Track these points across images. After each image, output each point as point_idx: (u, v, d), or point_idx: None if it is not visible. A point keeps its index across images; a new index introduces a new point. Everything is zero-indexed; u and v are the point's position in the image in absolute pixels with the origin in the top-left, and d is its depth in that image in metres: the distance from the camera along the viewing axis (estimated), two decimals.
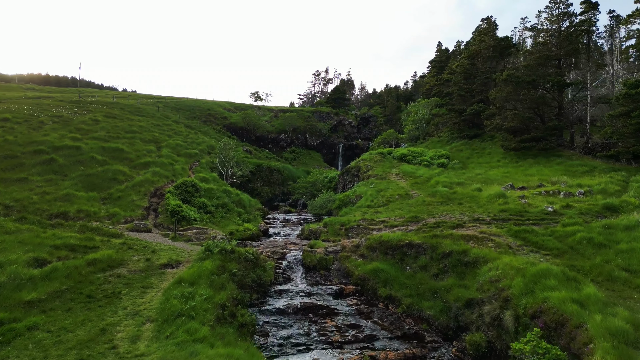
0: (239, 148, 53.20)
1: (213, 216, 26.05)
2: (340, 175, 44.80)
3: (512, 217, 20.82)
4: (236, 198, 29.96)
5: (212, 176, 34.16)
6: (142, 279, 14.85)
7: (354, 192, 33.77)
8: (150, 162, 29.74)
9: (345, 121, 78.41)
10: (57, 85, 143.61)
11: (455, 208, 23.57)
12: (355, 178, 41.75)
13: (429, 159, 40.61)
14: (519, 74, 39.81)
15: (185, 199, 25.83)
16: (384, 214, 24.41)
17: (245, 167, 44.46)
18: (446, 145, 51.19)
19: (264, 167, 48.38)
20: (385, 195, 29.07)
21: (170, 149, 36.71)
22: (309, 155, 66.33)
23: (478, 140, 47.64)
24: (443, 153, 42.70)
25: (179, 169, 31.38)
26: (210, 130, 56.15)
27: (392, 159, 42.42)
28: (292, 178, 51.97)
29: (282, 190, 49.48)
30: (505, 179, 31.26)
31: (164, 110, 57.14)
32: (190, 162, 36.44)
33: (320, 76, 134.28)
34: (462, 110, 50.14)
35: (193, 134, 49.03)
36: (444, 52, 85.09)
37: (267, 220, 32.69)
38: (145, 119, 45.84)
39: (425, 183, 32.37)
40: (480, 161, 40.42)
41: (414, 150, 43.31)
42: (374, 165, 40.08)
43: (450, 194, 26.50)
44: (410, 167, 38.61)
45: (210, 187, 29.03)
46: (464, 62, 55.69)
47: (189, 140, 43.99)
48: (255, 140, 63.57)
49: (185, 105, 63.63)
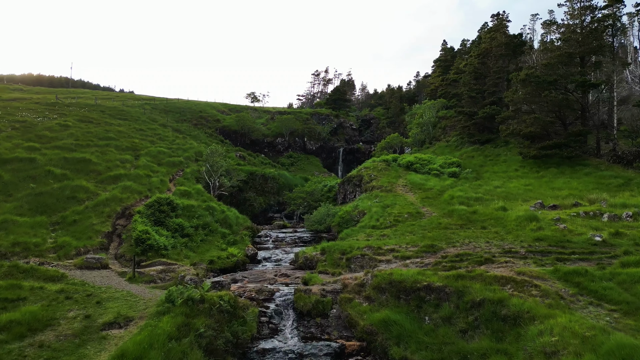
0: (231, 154, 49.37)
1: (191, 240, 22.18)
2: (341, 185, 40.95)
3: (552, 249, 16.95)
4: (221, 216, 26.09)
5: (197, 189, 30.29)
6: (73, 350, 10.99)
7: (356, 206, 29.90)
8: (122, 174, 25.86)
9: (346, 123, 74.53)
10: (50, 85, 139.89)
11: (479, 234, 19.68)
12: (357, 188, 37.88)
13: (438, 168, 36.74)
14: (538, 74, 35.94)
15: (159, 220, 21.96)
16: (393, 240, 20.52)
17: (237, 175, 40.60)
18: (455, 151, 47.32)
19: (257, 174, 44.51)
20: (392, 213, 25.18)
21: (151, 157, 32.84)
22: (307, 161, 62.46)
23: (491, 146, 43.77)
24: (454, 161, 38.83)
25: (156, 181, 27.50)
26: (200, 135, 52.28)
27: (397, 167, 38.53)
28: (289, 186, 48.09)
29: (278, 200, 45.60)
30: (529, 193, 27.39)
31: (152, 112, 53.30)
32: (172, 173, 32.57)
33: (319, 76, 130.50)
34: (473, 113, 46.26)
35: (181, 138, 45.17)
36: (449, 51, 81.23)
37: (257, 239, 28.81)
38: (128, 122, 41.98)
39: (438, 197, 28.50)
40: (495, 170, 36.54)
41: (422, 158, 39.43)
42: (377, 174, 36.20)
43: (469, 213, 22.61)
44: (419, 177, 34.74)
45: (191, 204, 25.16)
46: (474, 61, 51.83)
47: (175, 146, 40.11)
48: (250, 145, 59.70)
49: (175, 107, 59.77)
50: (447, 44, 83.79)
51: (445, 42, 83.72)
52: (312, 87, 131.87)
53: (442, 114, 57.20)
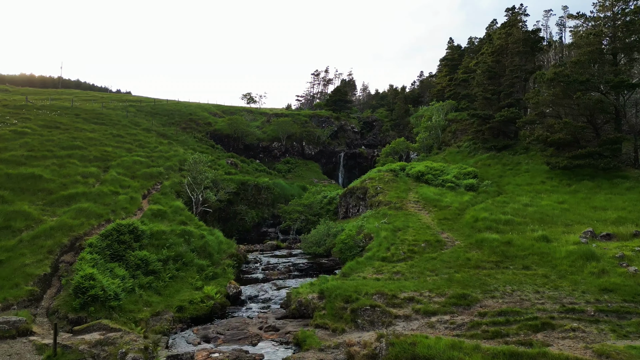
0: (221, 161, 45.00)
1: (158, 278, 17.82)
2: (342, 197, 36.59)
3: (631, 307, 12.57)
4: (199, 243, 21.69)
5: (174, 206, 25.92)
6: None
7: (361, 227, 25.54)
8: (79, 193, 21.48)
9: (347, 126, 70.14)
10: (42, 86, 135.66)
11: (522, 277, 15.29)
12: (360, 202, 33.52)
13: (453, 179, 32.36)
14: (567, 72, 31.55)
15: (116, 254, 17.60)
16: (410, 282, 16.14)
17: (226, 186, 36.23)
18: (469, 158, 42.92)
19: (249, 184, 40.12)
20: (405, 240, 20.80)
21: (123, 169, 28.46)
22: (305, 167, 58.04)
23: (508, 153, 39.36)
24: (470, 170, 34.44)
25: (123, 200, 23.11)
26: (189, 140, 47.89)
27: (406, 178, 34.15)
28: (285, 197, 43.69)
29: (272, 213, 41.19)
30: (568, 214, 23.00)
31: (136, 115, 48.93)
32: (148, 187, 28.19)
33: (319, 76, 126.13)
34: (488, 117, 41.87)
35: (165, 145, 40.78)
36: (456, 49, 76.82)
37: (244, 267, 24.43)
38: (104, 128, 37.63)
39: (458, 218, 24.12)
40: (518, 182, 32.15)
41: (434, 167, 35.05)
42: (384, 187, 31.82)
43: (503, 245, 18.23)
44: (432, 190, 30.35)
45: (162, 230, 20.79)
46: (487, 59, 47.43)
47: (156, 154, 35.72)
48: (244, 150, 55.30)
49: (163, 110, 55.38)
50: (453, 41, 79.42)
51: (451, 39, 79.35)
52: (311, 87, 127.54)
53: (451, 116, 52.81)
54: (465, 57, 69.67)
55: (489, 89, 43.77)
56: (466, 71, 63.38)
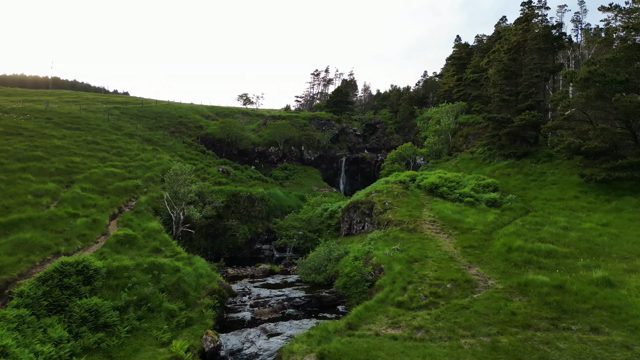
0: (212, 168, 41.00)
1: (111, 335, 13.85)
2: (345, 211, 32.59)
3: None
4: (171, 279, 17.70)
5: (148, 229, 21.95)
6: None
7: (368, 254, 21.57)
8: (23, 219, 17.50)
9: (349, 129, 66.12)
10: (34, 86, 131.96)
11: (594, 347, 11.30)
12: (366, 218, 29.55)
13: (472, 193, 28.37)
14: (603, 71, 27.55)
15: (57, 304, 13.66)
16: (439, 349, 12.14)
17: (215, 198, 32.26)
18: (484, 166, 38.93)
19: (241, 196, 36.13)
20: (425, 277, 16.83)
21: (91, 183, 24.46)
22: (304, 173, 54.04)
23: (530, 161, 35.38)
24: (489, 182, 30.45)
25: (81, 225, 19.12)
26: (177, 145, 43.89)
27: (418, 191, 30.17)
28: (281, 208, 39.73)
29: (267, 227, 37.21)
30: (619, 241, 19.00)
31: (119, 118, 44.92)
32: (119, 204, 24.19)
33: (319, 76, 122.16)
34: (506, 120, 37.88)
35: (149, 151, 36.81)
36: (464, 47, 72.82)
37: (229, 305, 20.43)
38: (78, 133, 33.64)
39: (486, 245, 20.12)
40: (545, 195, 28.17)
41: (448, 178, 31.06)
42: (393, 202, 27.83)
43: (554, 289, 14.25)
44: (449, 206, 26.35)
45: (123, 265, 16.80)
46: (503, 57, 43.40)
47: (136, 163, 31.73)
48: (238, 155, 51.29)
49: (150, 112, 51.38)
50: (460, 39, 75.38)
51: (458, 38, 75.34)
52: (311, 87, 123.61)
53: (462, 119, 48.83)
54: (474, 56, 65.69)
55: (505, 89, 39.76)
56: (476, 70, 59.45)
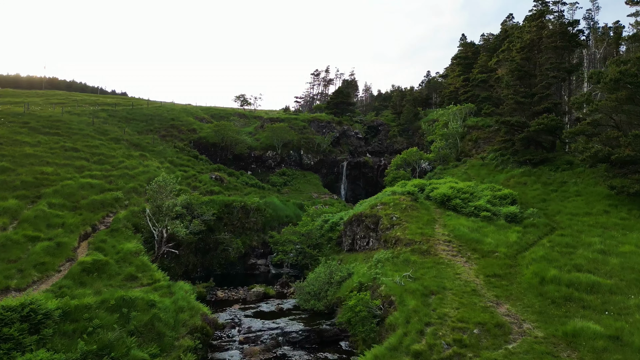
0: (203, 176, 38.23)
1: None
2: (348, 225, 29.82)
3: None
4: (144, 318, 14.92)
5: (124, 251, 19.19)
6: None
7: (375, 280, 18.80)
8: None
9: (350, 132, 63.33)
10: (29, 87, 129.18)
11: None
12: (371, 233, 26.78)
13: (488, 206, 25.58)
14: (634, 71, 24.78)
15: None
16: None
17: (205, 210, 29.47)
18: (497, 173, 36.15)
19: (235, 206, 33.33)
20: (446, 318, 14.05)
21: (62, 197, 21.70)
22: (303, 178, 51.25)
23: (548, 169, 32.60)
24: (506, 193, 27.67)
25: (40, 251, 16.35)
26: (167, 150, 41.11)
27: (428, 203, 27.39)
28: (278, 219, 36.96)
29: (263, 240, 34.43)
30: None
31: (106, 122, 42.13)
32: (94, 221, 21.42)
33: (320, 76, 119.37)
34: (522, 124, 35.09)
35: (136, 158, 34.05)
36: (470, 46, 70.03)
37: (214, 342, 17.65)
38: (56, 139, 30.88)
39: (512, 273, 17.32)
40: (570, 209, 25.37)
41: (461, 189, 28.27)
42: (401, 216, 25.04)
43: (609, 341, 11.49)
44: (464, 222, 23.56)
45: (84, 304, 14.03)
46: (515, 57, 40.61)
47: (118, 172, 28.98)
48: (233, 160, 48.49)
49: (140, 114, 48.58)
50: (466, 38, 72.61)
51: (464, 36, 72.59)
52: (311, 88, 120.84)
53: (471, 122, 46.06)
54: (481, 55, 62.92)
55: (519, 90, 36.98)
56: (484, 70, 56.66)
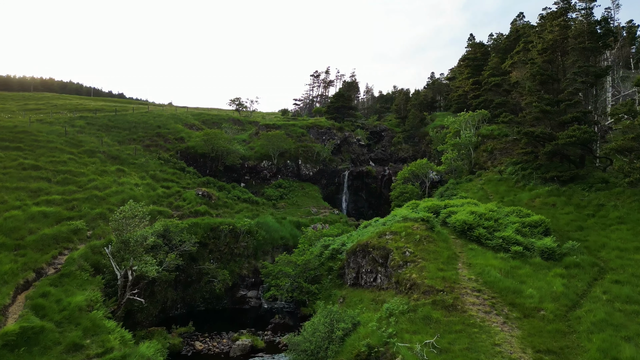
0: (188, 193, 34.16)
1: None
2: (351, 255, 25.77)
3: None
4: None
5: (72, 306, 15.20)
6: None
7: (387, 344, 14.76)
8: None
9: (352, 139, 59.27)
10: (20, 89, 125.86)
11: None
12: (379, 268, 22.74)
13: (518, 238, 21.51)
14: None
15: None
16: None
17: (187, 237, 25.36)
18: (519, 190, 32.08)
19: (222, 230, 29.30)
20: None
21: (1, 233, 17.65)
22: (301, 191, 47.23)
23: (580, 188, 28.53)
24: (536, 220, 23.66)
25: None
26: (150, 162, 37.05)
27: (445, 233, 23.30)
28: (272, 241, 32.94)
29: (254, 267, 30.44)
30: None
31: (82, 131, 38.11)
32: (39, 265, 17.38)
33: (319, 78, 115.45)
34: (548, 136, 31.04)
35: (111, 174, 30.03)
36: (479, 46, 65.92)
37: None
38: (15, 154, 26.89)
39: (570, 346, 13.27)
40: (616, 241, 21.32)
41: (482, 214, 24.22)
42: (416, 250, 20.99)
43: None
44: (493, 261, 19.50)
45: None
46: (537, 59, 36.59)
47: (83, 194, 24.94)
48: (225, 172, 44.44)
49: (124, 122, 44.52)
50: (474, 38, 68.52)
51: (472, 36, 68.47)
52: (310, 89, 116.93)
53: (485, 131, 41.99)
54: (492, 57, 58.88)
55: (544, 97, 32.92)
56: (495, 73, 52.55)
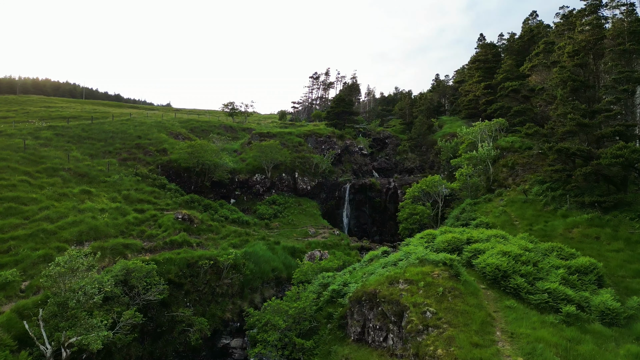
0: (166, 217, 29.67)
1: None
2: (355, 304, 21.19)
3: None
4: None
5: None
6: None
7: None
8: None
9: (354, 147, 54.70)
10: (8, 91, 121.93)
11: None
12: (391, 326, 18.16)
13: (568, 292, 16.98)
14: None
15: None
16: None
17: (155, 280, 20.80)
18: (549, 216, 27.48)
19: (202, 266, 24.72)
20: None
21: None
22: (298, 207, 42.67)
23: (627, 217, 23.98)
24: (584, 263, 19.15)
25: None
26: (125, 179, 32.47)
27: (474, 283, 18.71)
28: (262, 275, 28.38)
29: (240, 308, 25.86)
30: None
31: (48, 143, 33.54)
32: None
33: (319, 79, 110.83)
34: (587, 155, 26.47)
35: (73, 198, 25.48)
36: (490, 48, 61.31)
37: None
38: None
39: None
40: None
41: (517, 255, 19.68)
42: (439, 310, 16.42)
43: None
44: (542, 332, 14.95)
45: None
46: (566, 62, 32.03)
47: (26, 230, 20.38)
48: (212, 188, 39.89)
49: (100, 131, 39.96)
50: (485, 38, 63.95)
51: (482, 36, 63.93)
52: (310, 92, 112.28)
53: (504, 143, 37.42)
54: (505, 58, 54.32)
55: (579, 108, 28.34)
56: (510, 77, 47.96)
